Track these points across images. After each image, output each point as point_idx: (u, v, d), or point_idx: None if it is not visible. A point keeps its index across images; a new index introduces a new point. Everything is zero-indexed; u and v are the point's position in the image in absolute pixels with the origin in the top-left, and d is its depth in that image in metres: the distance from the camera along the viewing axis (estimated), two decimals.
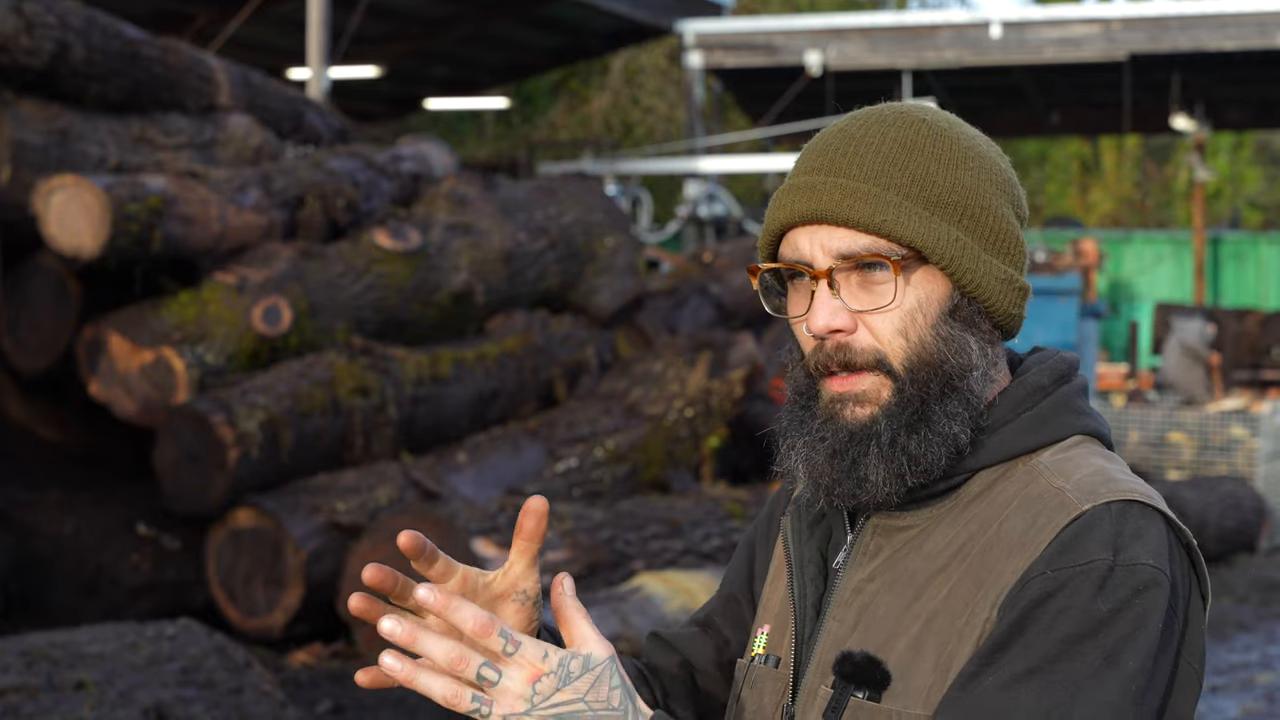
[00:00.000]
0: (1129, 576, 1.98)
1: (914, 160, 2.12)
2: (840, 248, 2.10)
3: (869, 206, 2.09)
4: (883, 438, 2.10)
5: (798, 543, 2.27)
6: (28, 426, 10.20)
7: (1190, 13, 24.27)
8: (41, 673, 6.30)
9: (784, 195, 2.15)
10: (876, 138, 2.14)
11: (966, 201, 2.13)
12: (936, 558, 2.12)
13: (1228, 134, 41.27)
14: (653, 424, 10.78)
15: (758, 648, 2.30)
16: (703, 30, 25.98)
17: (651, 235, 25.30)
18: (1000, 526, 2.09)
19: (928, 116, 2.18)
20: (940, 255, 2.10)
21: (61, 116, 9.82)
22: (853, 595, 2.17)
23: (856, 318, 2.11)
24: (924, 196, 2.11)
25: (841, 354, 2.11)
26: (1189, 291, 32.17)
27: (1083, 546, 2.00)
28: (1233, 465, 17.32)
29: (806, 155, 2.18)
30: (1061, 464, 2.12)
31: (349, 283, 10.18)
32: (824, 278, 2.10)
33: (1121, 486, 2.06)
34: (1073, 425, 2.18)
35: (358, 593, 2.09)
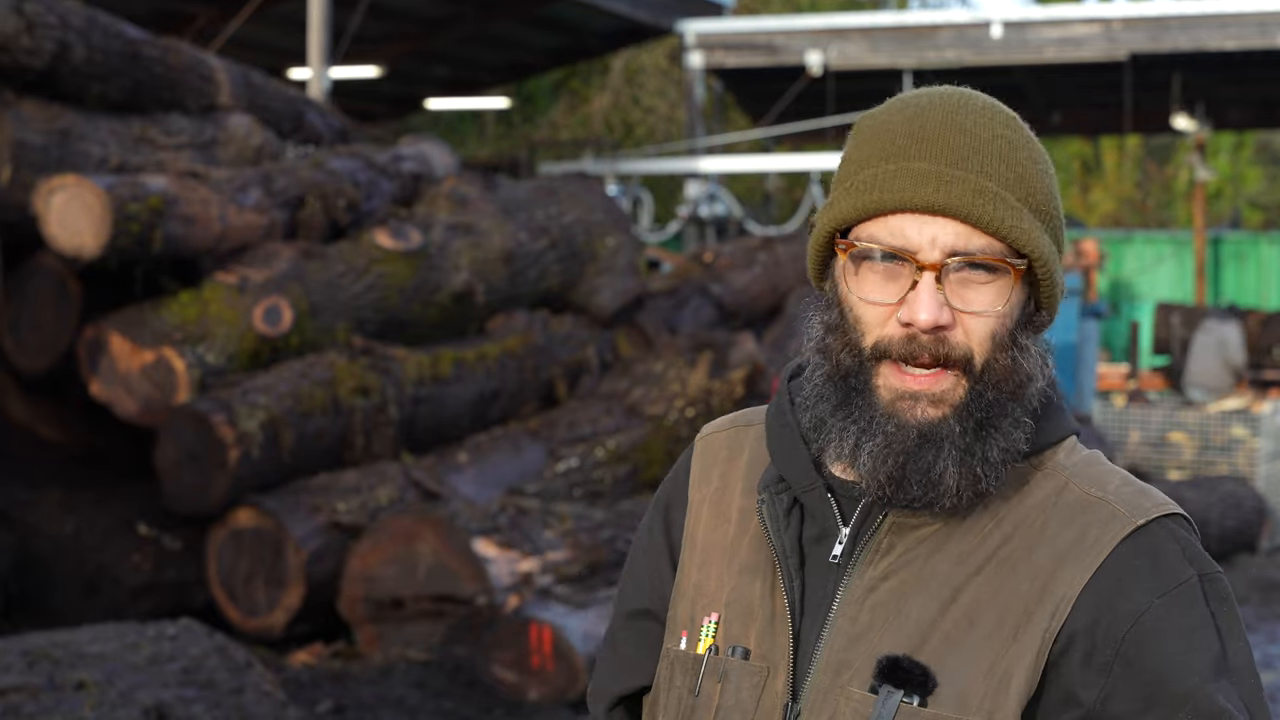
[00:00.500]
0: (1214, 587, 2.08)
1: (1020, 163, 2.09)
2: (957, 244, 2.05)
3: (999, 209, 2.05)
4: (957, 440, 2.07)
5: (777, 531, 2.20)
6: (29, 426, 10.20)
7: (1191, 12, 24.27)
8: (43, 672, 6.30)
9: (897, 179, 2.07)
10: (988, 134, 2.10)
11: (1052, 210, 2.12)
12: (968, 560, 2.10)
13: (1228, 134, 41.25)
14: (654, 424, 10.78)
15: (709, 637, 2.22)
16: (703, 30, 25.97)
17: (652, 235, 25.30)
18: (1041, 532, 2.09)
19: (1011, 112, 2.17)
20: (1045, 269, 2.09)
21: (62, 116, 9.82)
22: (865, 593, 2.13)
23: (956, 315, 2.06)
24: (1030, 202, 2.09)
25: (938, 347, 2.06)
26: (1190, 292, 32.15)
27: (1169, 568, 2.06)
28: (1233, 465, 17.31)
29: (911, 138, 2.10)
30: (1083, 469, 2.15)
31: (350, 283, 10.18)
32: (934, 271, 2.05)
33: (1157, 498, 2.12)
34: (1067, 425, 2.20)
35: None
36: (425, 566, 8.96)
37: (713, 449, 2.38)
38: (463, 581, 8.90)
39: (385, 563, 9.03)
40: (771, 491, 2.22)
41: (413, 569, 8.98)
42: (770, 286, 13.60)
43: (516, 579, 8.94)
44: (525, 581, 8.97)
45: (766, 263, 13.67)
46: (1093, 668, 2.03)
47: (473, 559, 8.88)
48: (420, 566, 8.97)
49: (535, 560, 9.07)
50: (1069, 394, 18.08)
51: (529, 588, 8.96)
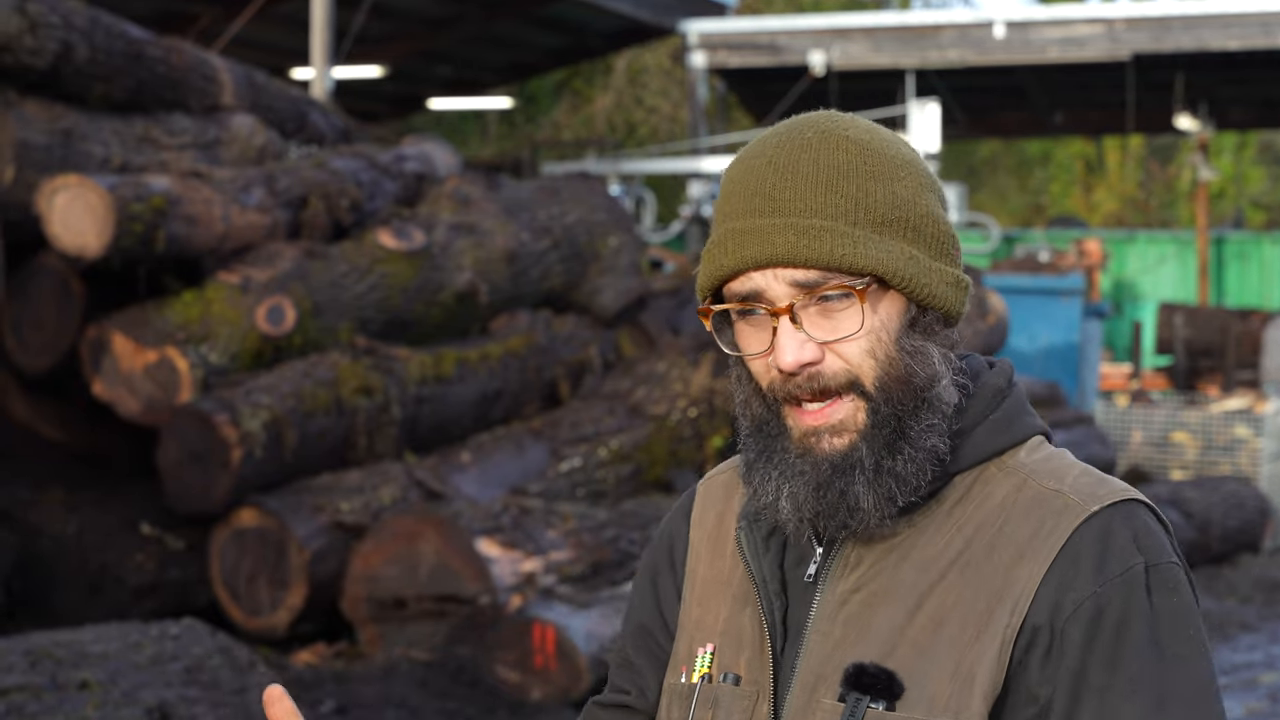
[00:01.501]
0: (1166, 575, 2.07)
1: (850, 183, 2.10)
2: (799, 280, 2.09)
3: (823, 243, 2.07)
4: (866, 464, 2.10)
5: (756, 558, 2.25)
6: (31, 426, 10.21)
7: (1194, 13, 24.26)
8: (45, 672, 6.31)
9: (730, 240, 2.13)
10: (809, 166, 2.12)
11: (906, 214, 2.12)
12: (931, 566, 2.13)
13: (1231, 134, 41.23)
14: (656, 424, 10.78)
15: (703, 667, 2.27)
16: (706, 30, 25.97)
17: (655, 235, 25.29)
18: (1000, 531, 2.11)
19: (850, 132, 2.16)
20: (899, 277, 2.10)
21: (65, 116, 9.83)
22: (836, 608, 2.16)
23: (823, 348, 2.10)
24: (869, 219, 2.10)
25: (814, 383, 2.10)
26: (1193, 292, 32.14)
27: (1115, 556, 2.07)
28: (1236, 465, 17.32)
29: (740, 195, 2.15)
30: (1043, 465, 2.17)
31: (352, 282, 10.18)
32: (786, 314, 2.09)
33: (1115, 486, 2.13)
34: (1031, 426, 2.22)
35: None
36: (428, 566, 8.96)
37: (713, 491, 2.44)
38: (465, 581, 8.91)
39: (388, 563, 9.04)
40: (750, 520, 2.27)
41: (415, 569, 8.98)
42: None
43: (519, 579, 8.94)
44: (528, 581, 8.97)
45: None
46: (1048, 663, 2.06)
47: (475, 559, 8.88)
48: (423, 566, 8.97)
49: (538, 560, 9.07)
50: (1071, 394, 18.08)
51: (532, 587, 8.97)
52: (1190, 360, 24.70)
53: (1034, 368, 18.61)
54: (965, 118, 29.88)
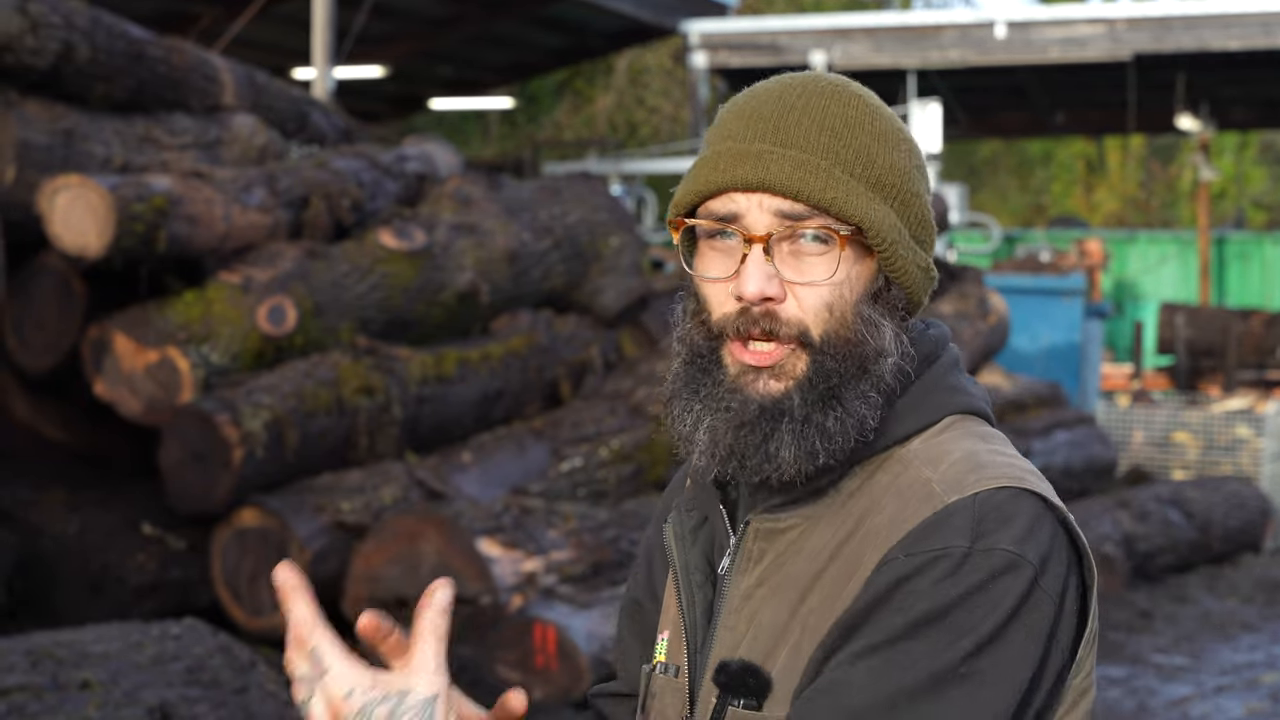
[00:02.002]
0: (984, 561, 1.94)
1: (856, 137, 2.10)
2: (784, 211, 2.06)
3: (819, 181, 2.06)
4: (796, 413, 2.05)
5: (682, 549, 2.23)
6: (32, 426, 10.21)
7: (1195, 13, 24.26)
8: (46, 672, 6.31)
9: (723, 159, 2.11)
10: (818, 110, 2.11)
11: (900, 185, 2.11)
12: (816, 558, 2.08)
13: (1232, 134, 41.23)
14: (658, 424, 10.77)
15: (659, 654, 2.27)
16: (707, 30, 25.97)
17: (656, 235, 25.29)
18: (871, 521, 2.05)
19: (862, 92, 2.17)
20: (880, 238, 2.07)
21: (66, 116, 9.83)
22: (742, 602, 2.13)
23: (788, 287, 2.07)
24: (866, 176, 2.08)
25: (767, 322, 2.06)
26: (1194, 292, 32.15)
27: (941, 533, 1.96)
28: (1237, 465, 17.32)
29: (742, 119, 2.14)
30: (930, 450, 2.09)
31: (354, 282, 10.18)
32: (761, 243, 2.07)
33: (989, 474, 2.02)
34: (945, 405, 2.15)
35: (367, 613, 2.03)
36: (429, 566, 8.96)
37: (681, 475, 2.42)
38: (466, 581, 8.91)
39: (389, 562, 9.04)
40: (681, 509, 2.26)
41: (416, 569, 8.98)
42: None
43: (520, 579, 8.94)
44: (529, 581, 8.97)
45: None
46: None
47: (476, 559, 8.88)
48: (424, 566, 8.97)
49: (539, 560, 9.07)
50: (1072, 394, 18.08)
51: (533, 587, 8.97)
52: (1191, 360, 24.70)
53: (1035, 368, 18.61)
54: (966, 118, 29.88)
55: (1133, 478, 16.42)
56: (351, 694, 1.95)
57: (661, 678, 2.23)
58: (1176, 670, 10.76)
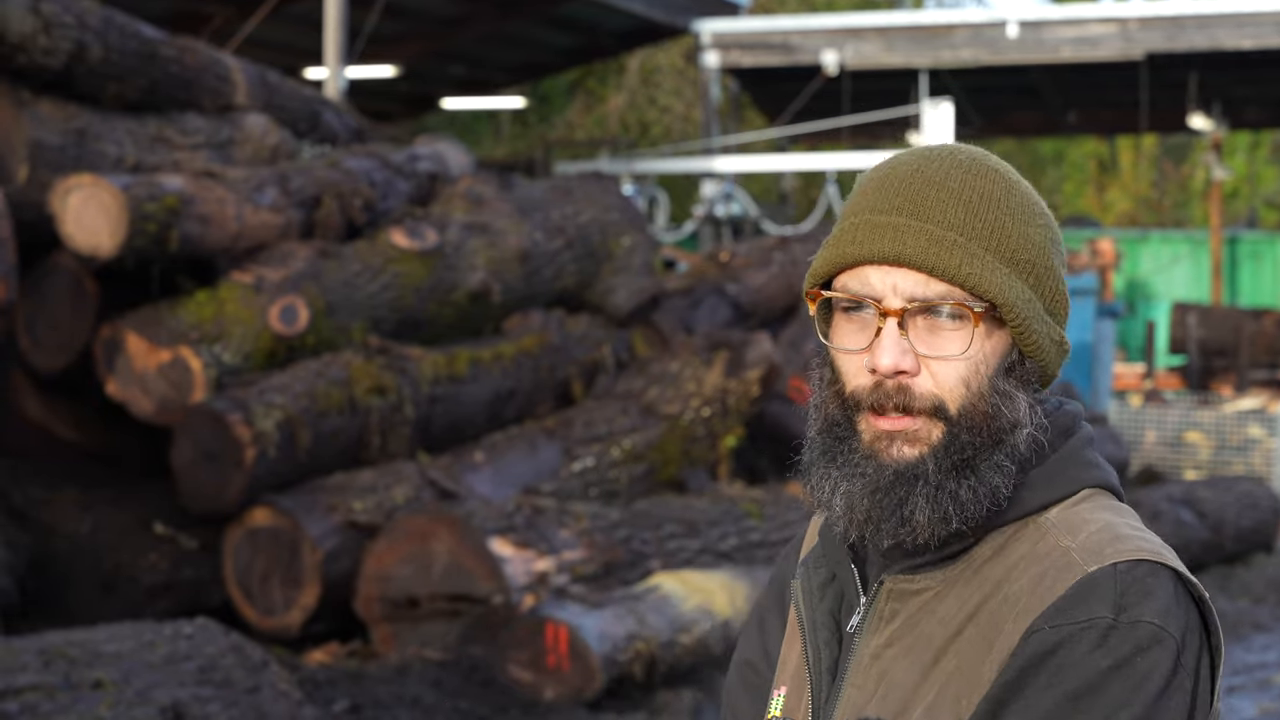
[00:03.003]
0: (1130, 634, 1.96)
1: (992, 212, 2.11)
2: (916, 291, 2.09)
3: (955, 256, 2.08)
4: (930, 478, 2.08)
5: (809, 605, 2.25)
6: (45, 426, 10.22)
7: (1208, 12, 24.22)
8: (59, 671, 6.32)
9: (860, 231, 2.12)
10: (957, 184, 2.12)
11: (1035, 259, 2.12)
12: (950, 622, 2.10)
13: (1245, 133, 41.18)
14: (669, 423, 10.78)
15: (774, 710, 2.28)
16: (719, 30, 25.96)
17: (668, 234, 25.29)
18: (1010, 588, 2.07)
19: (999, 166, 2.17)
20: (1014, 314, 2.09)
21: (79, 116, 9.84)
22: (871, 661, 2.15)
23: (922, 361, 2.09)
24: (1001, 251, 2.10)
25: (902, 396, 2.09)
26: (1206, 291, 32.11)
27: (1085, 604, 1.99)
28: (1250, 465, 17.31)
29: (880, 192, 2.15)
30: (1069, 519, 2.11)
31: (366, 282, 10.19)
32: (895, 317, 2.09)
33: (1128, 545, 2.04)
34: (1080, 479, 2.16)
35: None
36: (441, 566, 8.97)
37: (811, 530, 2.44)
38: (478, 580, 8.91)
39: (401, 562, 9.04)
40: (810, 566, 2.28)
41: (428, 568, 8.99)
42: (786, 286, 13.60)
43: (532, 578, 8.94)
44: (541, 581, 8.97)
45: (783, 262, 13.66)
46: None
47: (488, 558, 8.88)
48: (436, 566, 8.98)
49: (551, 559, 9.07)
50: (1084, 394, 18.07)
51: (545, 587, 8.97)
52: (1204, 360, 24.68)
53: None
54: (978, 118, 29.84)
55: (1145, 477, 16.41)
56: None
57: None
58: None
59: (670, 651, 8.88)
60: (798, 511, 10.75)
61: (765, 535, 10.29)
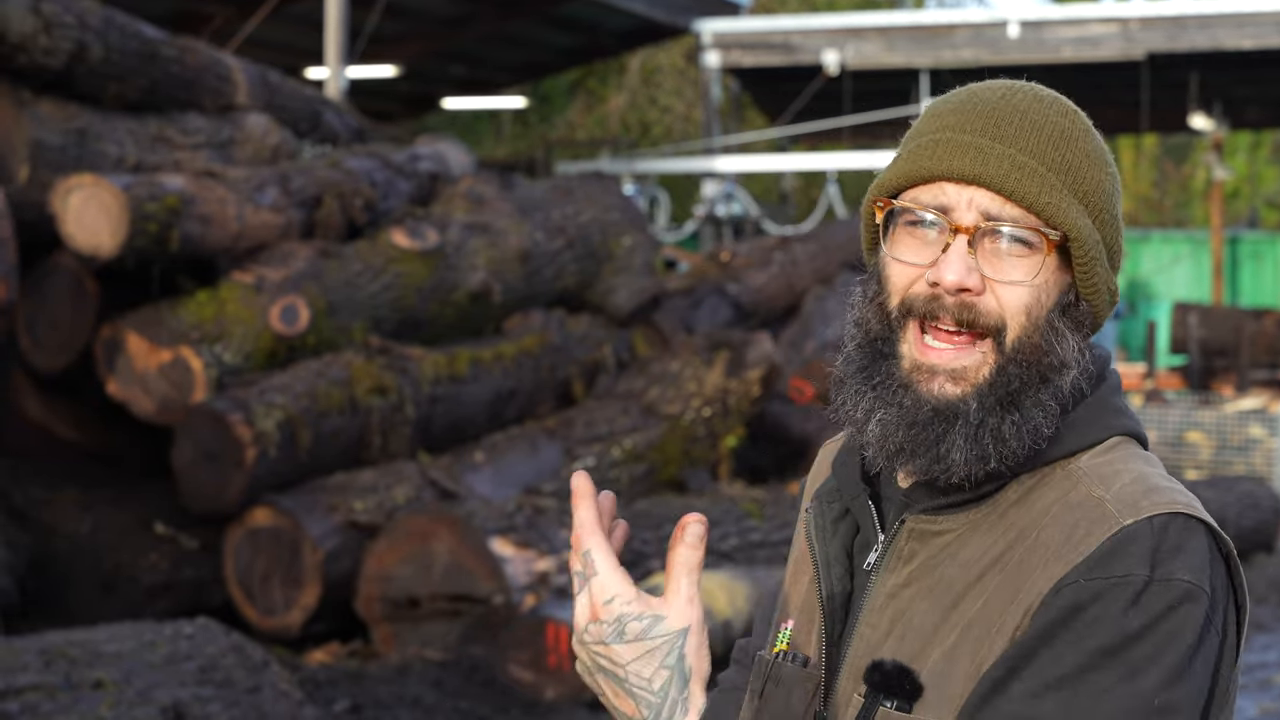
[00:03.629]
0: (1164, 592, 1.94)
1: (1071, 150, 2.11)
2: (992, 210, 2.07)
3: (1035, 183, 2.06)
4: (971, 418, 2.05)
5: (822, 540, 2.22)
6: (46, 425, 10.22)
7: (1208, 12, 24.23)
8: (60, 671, 6.31)
9: (941, 147, 2.11)
10: (1040, 116, 2.12)
11: (1104, 205, 2.12)
12: (973, 566, 2.06)
13: (1246, 133, 41.17)
14: (670, 423, 10.78)
15: (781, 643, 2.23)
16: (720, 29, 25.97)
17: (669, 234, 25.30)
18: (1039, 535, 2.03)
19: (1078, 110, 2.18)
20: (1083, 250, 2.08)
21: (79, 116, 9.84)
22: (886, 600, 2.12)
23: (987, 283, 2.07)
24: (1075, 188, 2.10)
25: (966, 312, 2.06)
26: (1207, 291, 32.11)
27: (1120, 559, 1.95)
28: (1250, 465, 17.30)
29: (962, 113, 2.14)
30: (1101, 469, 2.07)
31: (366, 282, 10.19)
32: (967, 235, 2.07)
33: (1163, 498, 2.01)
34: (1111, 426, 2.13)
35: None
36: (442, 565, 8.97)
37: (820, 460, 2.42)
38: (479, 580, 8.91)
39: (402, 562, 9.04)
40: (824, 500, 2.25)
41: (429, 568, 8.99)
42: (787, 286, 13.61)
43: (533, 578, 8.94)
44: (542, 580, 8.97)
45: (783, 262, 13.67)
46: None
47: (489, 558, 8.88)
48: (437, 565, 8.98)
49: (552, 559, 9.07)
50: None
51: (545, 587, 8.97)
52: (1205, 360, 24.67)
53: None
54: None
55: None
56: (612, 601, 2.07)
57: (789, 666, 2.19)
58: None
59: None
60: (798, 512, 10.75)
61: (765, 535, 10.29)
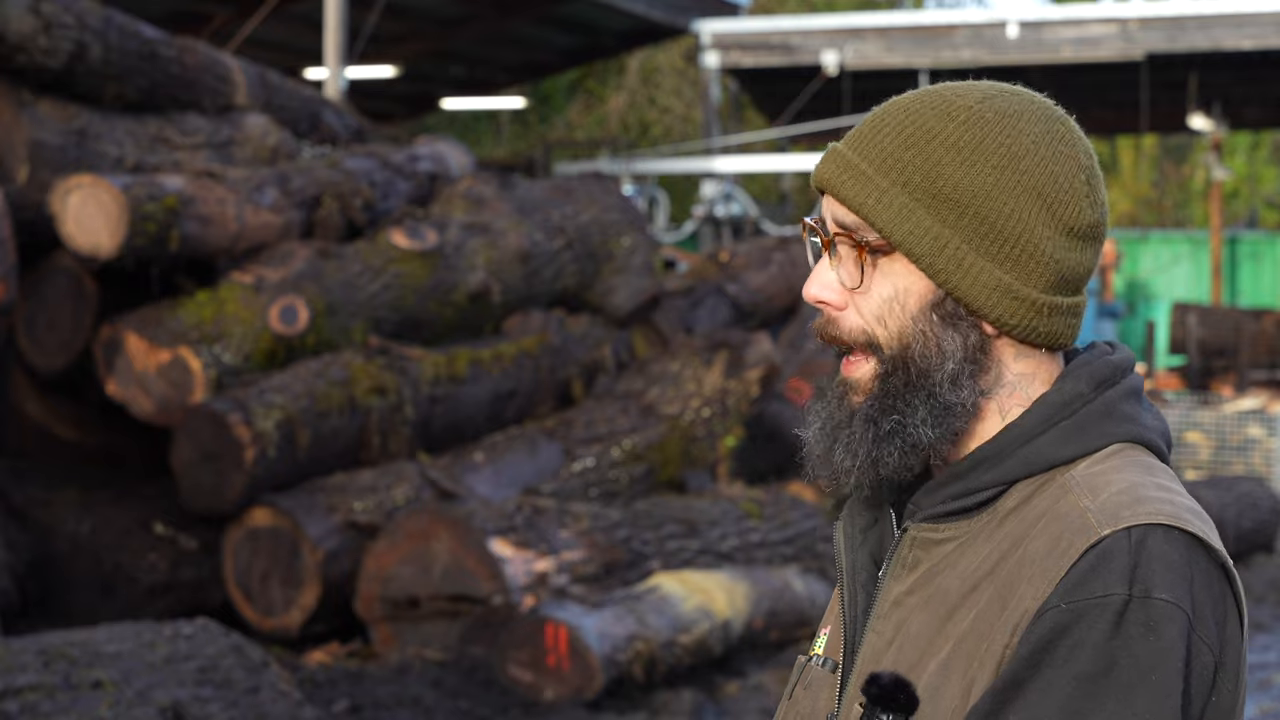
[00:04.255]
0: (1143, 610, 1.90)
1: (929, 149, 2.05)
2: (838, 217, 2.07)
3: (856, 185, 2.05)
4: (855, 425, 2.07)
5: (850, 548, 2.22)
6: (45, 426, 10.22)
7: (1208, 12, 24.23)
8: (59, 672, 6.32)
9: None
10: (908, 118, 2.08)
11: (970, 201, 2.05)
12: (969, 576, 2.05)
13: (1245, 133, 41.19)
14: (669, 424, 10.78)
15: (817, 648, 2.26)
16: (719, 30, 25.97)
17: (668, 235, 25.31)
18: (1026, 547, 2.01)
19: (981, 107, 2.11)
20: (911, 249, 2.04)
21: (79, 116, 9.84)
22: (891, 609, 2.12)
23: (847, 296, 2.07)
24: (920, 186, 2.04)
25: (830, 329, 2.08)
26: (1206, 291, 32.11)
27: (1100, 577, 1.92)
28: (1250, 465, 17.31)
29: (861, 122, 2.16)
30: (1093, 478, 2.03)
31: (366, 282, 10.19)
32: (826, 247, 2.08)
33: (1148, 508, 1.96)
34: (1113, 434, 2.09)
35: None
36: (441, 566, 8.97)
37: None
38: (479, 581, 8.91)
39: (401, 562, 9.04)
40: (854, 508, 2.25)
41: (429, 568, 8.99)
42: (786, 286, 13.60)
43: (532, 578, 8.94)
44: (541, 581, 8.97)
45: (782, 262, 13.67)
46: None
47: (489, 558, 8.88)
48: (436, 566, 8.98)
49: (551, 560, 9.07)
50: None
51: (545, 587, 8.97)
52: (1204, 360, 24.68)
53: None
54: None
55: None
56: None
57: (819, 670, 2.22)
58: None
59: (670, 652, 8.88)
60: (797, 511, 10.76)
61: (765, 535, 10.29)
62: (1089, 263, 2.12)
